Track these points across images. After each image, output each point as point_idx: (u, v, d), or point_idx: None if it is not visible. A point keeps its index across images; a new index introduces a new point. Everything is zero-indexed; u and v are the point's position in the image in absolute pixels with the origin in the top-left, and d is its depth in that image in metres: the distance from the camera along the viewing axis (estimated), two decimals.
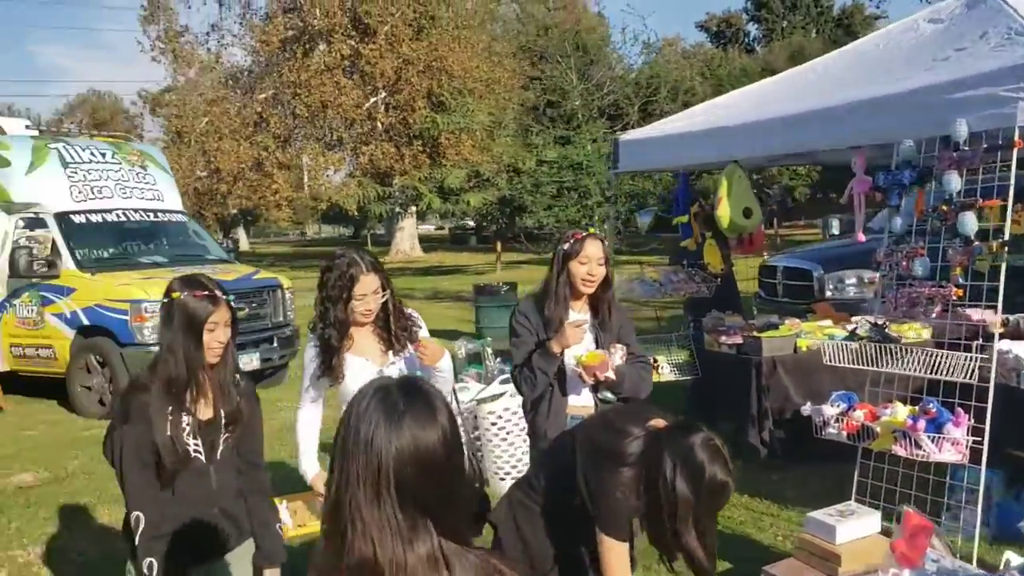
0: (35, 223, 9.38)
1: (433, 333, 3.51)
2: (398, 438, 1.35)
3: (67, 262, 9.01)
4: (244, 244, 49.31)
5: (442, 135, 32.13)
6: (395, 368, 3.25)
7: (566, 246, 3.29)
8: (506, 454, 5.54)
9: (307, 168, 36.39)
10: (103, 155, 10.20)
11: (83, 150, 10.07)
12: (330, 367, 3.17)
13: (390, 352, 3.25)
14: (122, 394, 2.74)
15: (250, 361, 9.17)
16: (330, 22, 33.16)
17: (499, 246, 26.64)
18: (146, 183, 10.44)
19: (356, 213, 37.91)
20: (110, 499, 6.00)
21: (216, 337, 2.69)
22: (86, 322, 8.80)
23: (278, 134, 34.28)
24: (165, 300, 2.69)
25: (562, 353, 3.22)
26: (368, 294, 3.13)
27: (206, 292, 2.66)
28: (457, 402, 3.62)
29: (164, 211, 10.39)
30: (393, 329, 3.23)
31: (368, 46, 32.84)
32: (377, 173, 34.40)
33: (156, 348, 8.21)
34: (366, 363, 3.23)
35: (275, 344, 9.58)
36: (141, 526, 2.57)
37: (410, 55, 32.79)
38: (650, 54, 20.06)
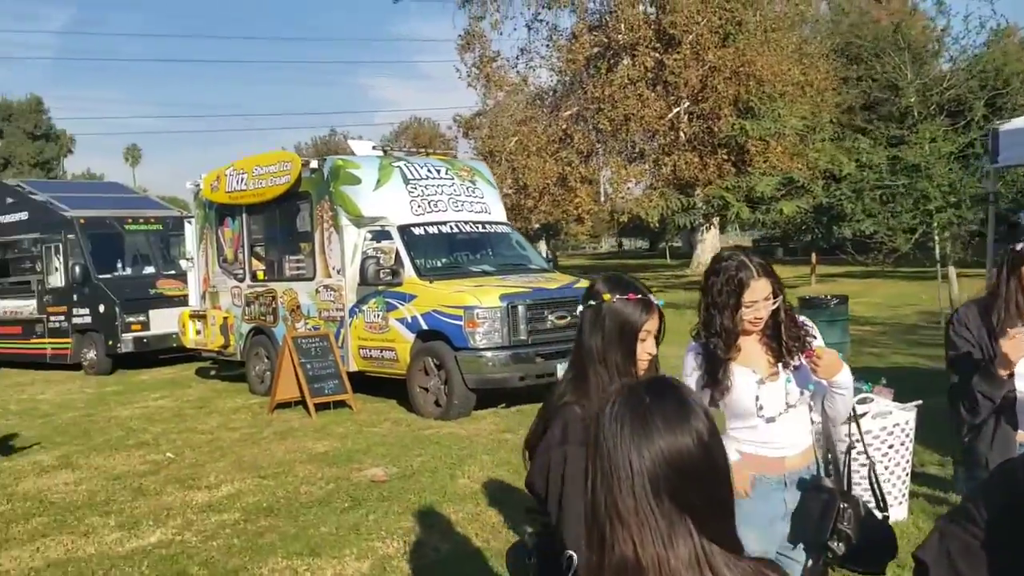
0: (381, 235, 10.16)
1: None
2: (646, 439, 1.33)
3: (408, 271, 9.63)
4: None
5: (749, 142, 31.11)
6: (781, 380, 2.92)
7: (1019, 247, 2.76)
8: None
9: (608, 181, 36.95)
10: (438, 171, 10.86)
11: (421, 167, 10.79)
12: (715, 379, 2.91)
13: (779, 363, 2.92)
14: (555, 410, 2.38)
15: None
16: (634, 36, 33.40)
17: (815, 257, 25.11)
18: (475, 196, 10.96)
19: (656, 225, 37.69)
20: (453, 497, 6.22)
21: (647, 348, 2.37)
22: (425, 327, 9.35)
23: (581, 149, 35.11)
24: (592, 303, 2.37)
25: (1011, 377, 2.70)
26: (759, 300, 2.82)
27: (639, 296, 2.35)
28: (858, 424, 3.19)
29: (491, 222, 10.84)
30: (784, 338, 2.89)
31: (672, 56, 32.65)
32: (679, 184, 34.05)
33: (488, 353, 8.61)
34: (751, 374, 2.93)
35: None
36: (573, 568, 2.25)
37: (716, 62, 32.13)
38: (999, 42, 17.82)
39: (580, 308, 2.46)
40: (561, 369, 9.14)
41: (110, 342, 15.05)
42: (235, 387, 12.67)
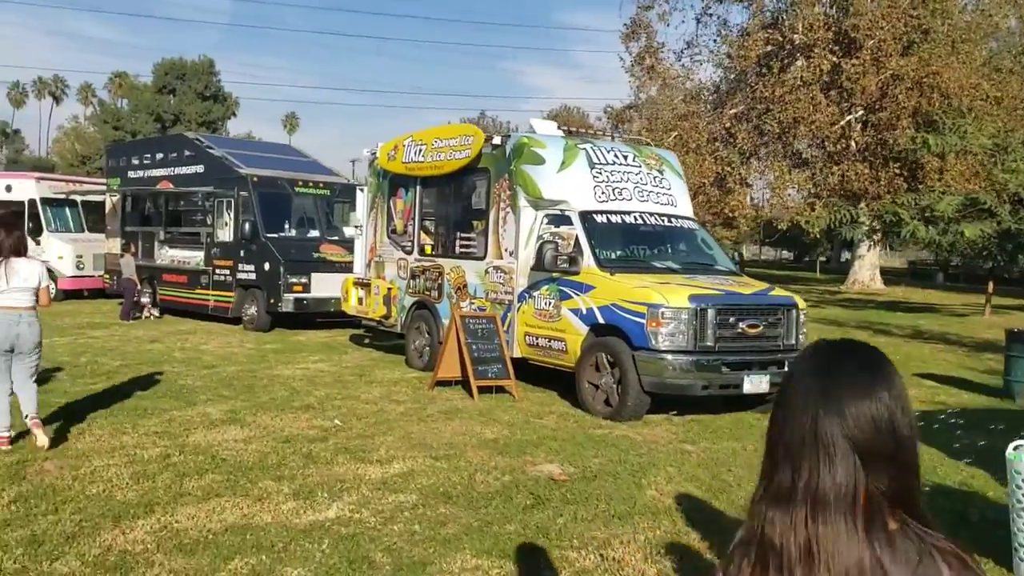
0: (559, 220, 9.70)
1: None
2: (831, 400, 1.33)
3: (588, 260, 9.14)
4: None
5: (925, 157, 29.10)
6: None
7: None
8: None
9: (768, 186, 35.50)
10: (625, 157, 10.31)
11: (608, 152, 10.26)
12: None
13: None
14: None
15: (759, 383, 8.52)
16: (812, 37, 31.80)
17: (991, 287, 23.21)
18: (662, 187, 10.35)
19: (817, 236, 35.90)
20: (644, 510, 5.69)
21: None
22: (601, 320, 8.84)
23: (744, 150, 33.80)
24: None
25: None
26: None
27: None
28: None
29: (677, 216, 10.21)
30: None
31: (851, 61, 30.92)
32: (846, 194, 32.26)
33: (669, 356, 8.00)
34: None
35: (784, 368, 8.80)
36: None
37: (898, 70, 30.20)
38: None
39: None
40: (749, 382, 8.50)
41: (271, 300, 15.29)
42: (391, 358, 12.56)
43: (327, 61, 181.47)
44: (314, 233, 16.57)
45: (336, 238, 16.51)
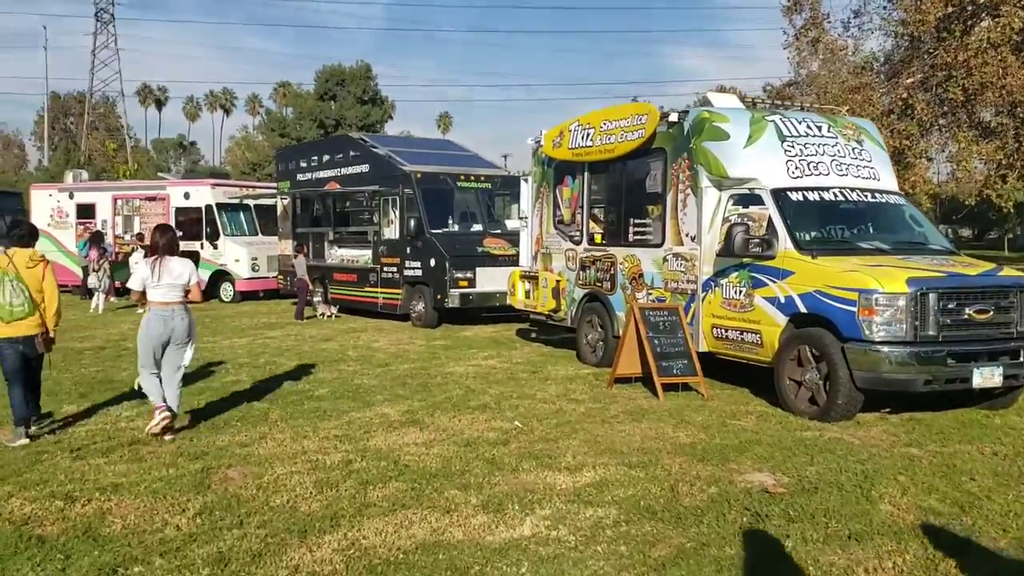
0: (748, 200, 8.87)
1: None
2: None
3: (784, 242, 8.26)
4: None
5: None
6: None
7: None
8: None
9: (950, 158, 32.77)
10: (819, 128, 9.33)
11: (799, 123, 9.32)
12: None
13: None
14: None
15: (991, 376, 7.41)
16: None
17: None
18: (861, 159, 9.31)
19: (1010, 210, 32.86)
20: (885, 530, 4.87)
21: None
22: (802, 309, 7.95)
23: (923, 121, 31.27)
24: None
25: None
26: None
27: None
28: None
29: (881, 191, 9.14)
30: None
31: None
32: None
33: (886, 348, 7.03)
34: None
35: (1021, 358, 7.63)
36: None
37: None
38: None
39: None
40: (979, 375, 7.41)
41: (438, 296, 15.13)
42: (561, 353, 12.05)
43: (478, 60, 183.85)
44: (477, 227, 16.32)
45: (498, 231, 16.20)
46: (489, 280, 15.15)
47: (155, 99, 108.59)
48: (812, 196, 8.70)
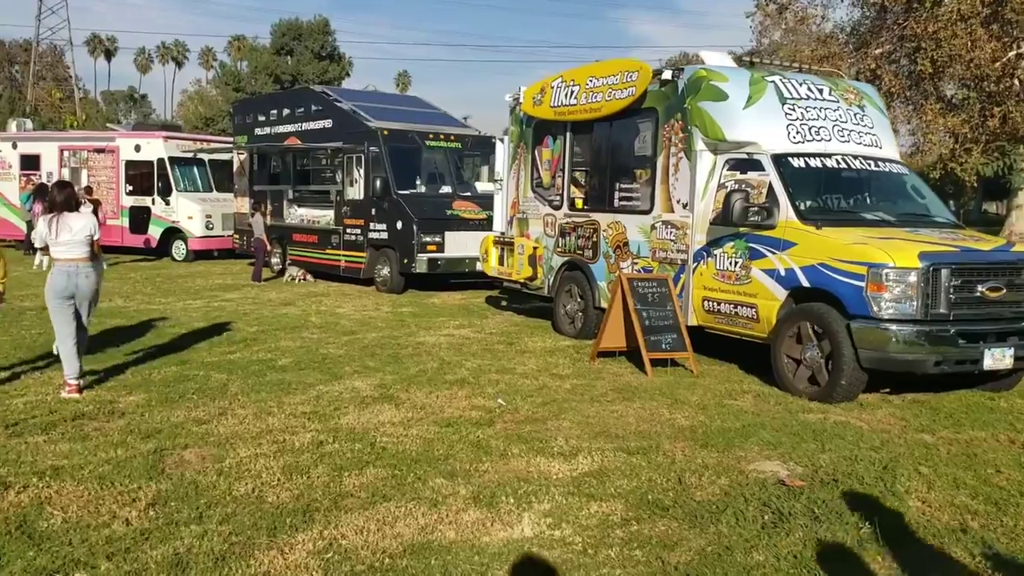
0: (746, 165, 8.34)
1: None
2: None
3: (786, 212, 7.76)
4: None
5: None
6: None
7: None
8: None
9: (919, 130, 32.69)
10: (820, 91, 8.82)
11: (800, 85, 8.79)
12: None
13: None
14: None
15: (1002, 358, 7.03)
16: None
17: None
18: (863, 125, 8.82)
19: (973, 184, 33.01)
20: (925, 530, 4.41)
21: None
22: (804, 283, 7.48)
23: (891, 91, 31.07)
24: None
25: None
26: None
27: None
28: None
29: (883, 160, 8.67)
30: None
31: None
32: (1010, 138, 29.24)
33: (894, 326, 6.56)
34: None
35: None
36: None
37: None
38: None
39: None
40: (990, 357, 7.02)
41: (405, 260, 14.46)
42: (535, 323, 11.51)
43: (438, 17, 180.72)
44: (446, 189, 15.62)
45: (469, 194, 15.54)
46: (458, 245, 14.51)
47: (104, 50, 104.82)
48: (814, 163, 8.20)
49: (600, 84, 9.80)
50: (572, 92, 10.26)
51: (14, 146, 22.78)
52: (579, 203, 10.61)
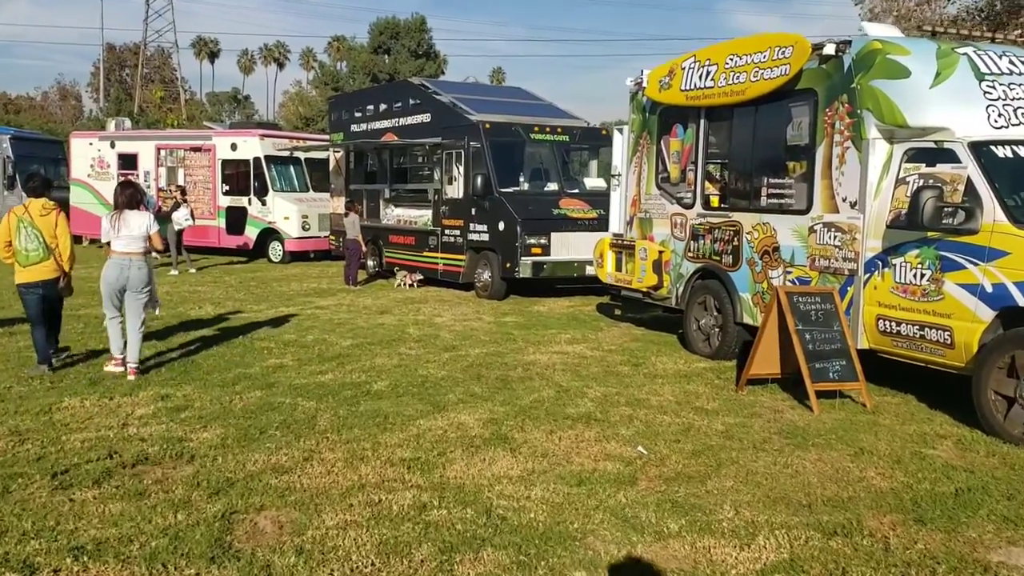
0: (933, 156, 6.82)
1: None
2: None
3: (992, 213, 6.23)
4: None
5: None
6: None
7: None
8: None
9: None
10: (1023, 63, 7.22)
11: (999, 58, 7.20)
12: None
13: None
14: None
15: None
16: None
17: None
18: None
19: None
20: None
21: None
22: (1020, 302, 5.94)
23: None
24: None
25: None
26: None
27: None
28: None
29: None
30: None
31: None
32: None
33: None
34: None
35: None
36: None
37: None
38: None
39: None
40: None
41: (507, 264, 13.30)
42: (659, 338, 10.18)
43: (533, 13, 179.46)
44: (552, 186, 14.37)
45: (577, 191, 14.27)
46: (566, 247, 13.28)
47: (209, 52, 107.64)
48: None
49: (744, 63, 8.39)
50: (708, 73, 8.88)
51: (112, 145, 22.63)
52: (715, 201, 9.22)
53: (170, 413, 6.44)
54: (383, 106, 16.77)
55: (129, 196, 7.80)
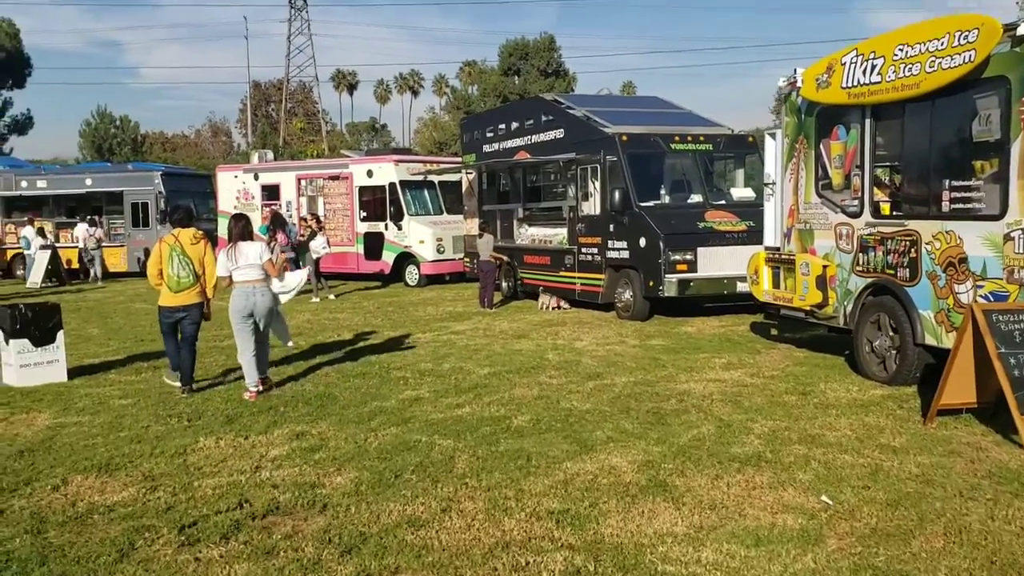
0: None
1: None
2: None
3: None
4: None
5: None
6: None
7: None
8: None
9: None
10: None
11: None
12: None
13: None
14: None
15: None
16: None
17: None
18: None
19: None
20: None
21: None
22: None
23: None
24: None
25: None
26: None
27: None
28: None
29: None
30: None
31: None
32: None
33: None
34: None
35: None
36: None
37: None
38: None
39: None
40: None
41: (650, 282, 12.58)
42: (825, 360, 9.24)
43: (660, 25, 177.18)
44: (696, 198, 13.57)
45: (723, 202, 13.42)
46: (714, 263, 12.45)
47: (347, 84, 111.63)
48: None
49: (917, 52, 7.44)
50: (873, 67, 7.96)
51: (255, 177, 23.32)
52: (885, 208, 8.26)
53: (304, 454, 6.13)
54: (515, 124, 16.42)
55: (242, 228, 8.19)
